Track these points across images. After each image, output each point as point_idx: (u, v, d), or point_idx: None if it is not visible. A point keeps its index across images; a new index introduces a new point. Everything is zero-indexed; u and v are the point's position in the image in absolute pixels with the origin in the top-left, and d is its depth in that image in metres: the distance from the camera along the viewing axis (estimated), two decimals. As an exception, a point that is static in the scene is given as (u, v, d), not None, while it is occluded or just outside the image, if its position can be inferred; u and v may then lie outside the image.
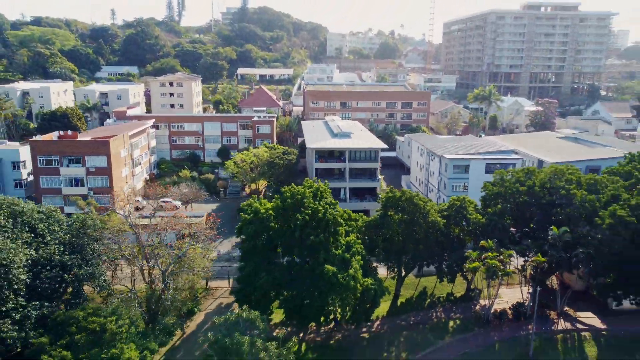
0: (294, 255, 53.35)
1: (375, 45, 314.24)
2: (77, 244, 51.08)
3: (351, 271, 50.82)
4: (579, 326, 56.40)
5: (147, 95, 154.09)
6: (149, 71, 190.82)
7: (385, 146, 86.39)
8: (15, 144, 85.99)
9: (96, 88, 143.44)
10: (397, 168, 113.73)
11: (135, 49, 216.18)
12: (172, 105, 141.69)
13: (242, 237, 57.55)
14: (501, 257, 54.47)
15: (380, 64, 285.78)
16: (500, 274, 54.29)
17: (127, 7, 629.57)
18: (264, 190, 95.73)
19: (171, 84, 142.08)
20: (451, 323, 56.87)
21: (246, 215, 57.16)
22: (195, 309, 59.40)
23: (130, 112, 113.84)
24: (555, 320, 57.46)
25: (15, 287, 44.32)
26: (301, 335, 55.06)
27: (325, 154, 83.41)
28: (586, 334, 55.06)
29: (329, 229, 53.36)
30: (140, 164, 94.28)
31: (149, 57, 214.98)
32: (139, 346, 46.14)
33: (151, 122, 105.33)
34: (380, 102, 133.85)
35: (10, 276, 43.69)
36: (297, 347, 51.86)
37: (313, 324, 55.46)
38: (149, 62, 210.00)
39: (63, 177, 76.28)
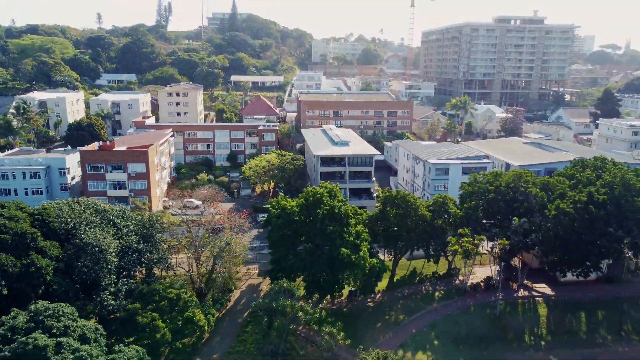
0: (315, 242, 68.31)
1: (357, 51, 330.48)
2: (147, 235, 65.05)
3: (361, 253, 66.10)
4: (534, 294, 72.90)
5: (153, 103, 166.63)
6: (150, 79, 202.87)
7: (379, 153, 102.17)
8: (59, 153, 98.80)
9: (108, 98, 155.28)
10: (385, 170, 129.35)
11: (132, 57, 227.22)
12: (179, 114, 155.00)
13: (270, 228, 72.53)
14: (475, 241, 70.58)
15: (362, 69, 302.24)
16: (473, 254, 70.54)
17: (113, 11, 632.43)
18: (272, 191, 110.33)
19: (177, 94, 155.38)
20: (437, 293, 72.75)
21: (275, 210, 72.03)
22: (233, 287, 73.93)
23: (147, 122, 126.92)
24: (517, 290, 73.89)
25: (110, 267, 58.23)
26: (320, 305, 70.07)
27: (327, 159, 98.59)
28: (539, 299, 71.57)
29: (343, 221, 68.53)
30: (165, 168, 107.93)
31: (145, 64, 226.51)
32: (203, 311, 60.69)
33: (169, 131, 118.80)
34: (369, 110, 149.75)
35: (107, 258, 57.62)
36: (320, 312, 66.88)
37: (328, 297, 70.82)
38: (145, 69, 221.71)
39: (108, 181, 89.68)
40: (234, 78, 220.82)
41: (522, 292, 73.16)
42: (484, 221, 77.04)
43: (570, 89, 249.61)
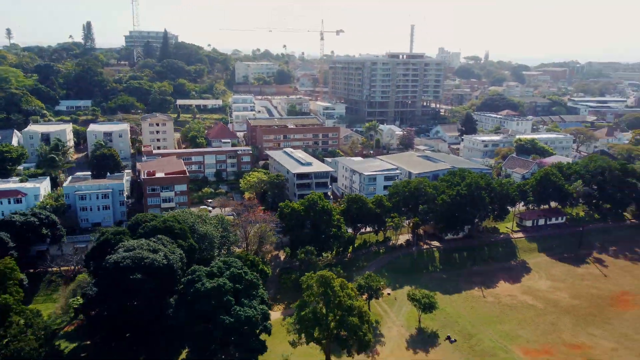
0: (315, 225, 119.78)
1: (272, 70, 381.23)
2: (224, 227, 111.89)
3: (342, 230, 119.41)
4: (432, 246, 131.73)
5: (132, 131, 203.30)
6: (112, 107, 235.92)
7: (332, 169, 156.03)
8: (116, 179, 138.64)
9: (100, 129, 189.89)
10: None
11: (85, 84, 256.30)
12: (158, 139, 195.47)
13: (285, 219, 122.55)
14: (399, 220, 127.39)
15: (279, 88, 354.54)
16: (400, 227, 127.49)
17: (23, 27, 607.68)
18: (256, 198, 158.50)
19: (157, 124, 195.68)
20: (381, 250, 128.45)
21: (287, 210, 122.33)
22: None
23: (154, 151, 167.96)
24: (423, 245, 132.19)
25: (215, 246, 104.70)
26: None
27: (302, 175, 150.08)
28: (434, 249, 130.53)
29: (328, 213, 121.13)
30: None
31: (96, 90, 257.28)
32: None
33: (174, 156, 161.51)
34: (309, 134, 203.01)
35: (214, 242, 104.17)
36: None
37: (321, 257, 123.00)
38: (98, 95, 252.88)
39: (162, 197, 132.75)
40: (180, 102, 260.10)
41: (425, 246, 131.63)
42: (403, 208, 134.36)
43: (444, 106, 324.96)
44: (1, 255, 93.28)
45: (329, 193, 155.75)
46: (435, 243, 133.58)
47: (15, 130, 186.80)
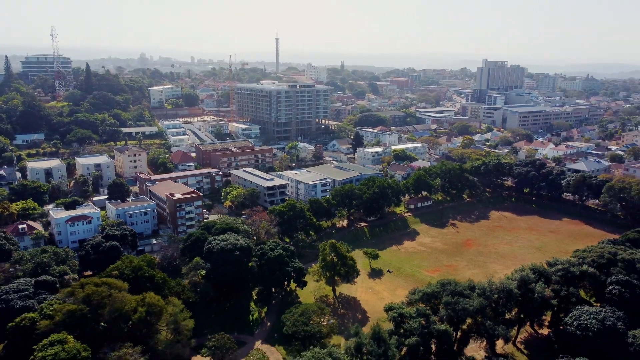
0: (295, 220, 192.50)
1: (178, 92, 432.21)
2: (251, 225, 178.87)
3: (312, 220, 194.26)
4: (362, 226, 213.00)
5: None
6: (72, 139, 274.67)
7: (287, 182, 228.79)
8: (146, 200, 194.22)
9: (89, 161, 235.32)
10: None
11: (33, 119, 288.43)
12: (136, 167, 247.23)
13: (276, 217, 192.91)
14: (343, 212, 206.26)
15: (191, 110, 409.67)
16: (342, 216, 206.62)
17: None
18: (235, 206, 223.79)
19: (134, 154, 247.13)
20: (333, 231, 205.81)
21: (276, 211, 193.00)
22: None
23: (152, 177, 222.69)
24: (357, 225, 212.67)
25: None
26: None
27: (270, 187, 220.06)
28: (365, 227, 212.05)
29: (302, 210, 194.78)
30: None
31: (43, 124, 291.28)
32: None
33: (169, 180, 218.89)
34: (251, 155, 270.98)
35: (250, 234, 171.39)
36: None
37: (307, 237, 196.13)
38: (44, 128, 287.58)
39: (186, 211, 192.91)
40: (125, 130, 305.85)
41: (358, 225, 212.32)
42: (342, 204, 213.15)
43: (332, 122, 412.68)
44: (118, 257, 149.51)
45: (286, 198, 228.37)
46: (363, 223, 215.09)
47: (15, 168, 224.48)
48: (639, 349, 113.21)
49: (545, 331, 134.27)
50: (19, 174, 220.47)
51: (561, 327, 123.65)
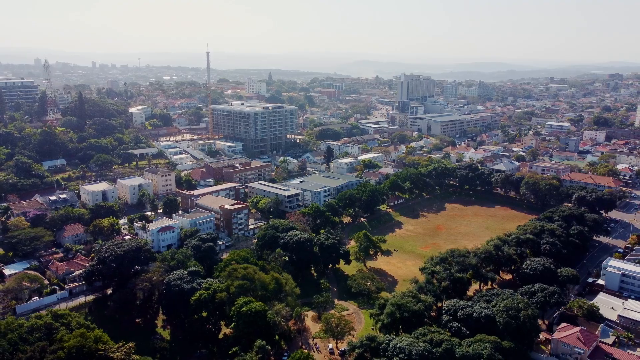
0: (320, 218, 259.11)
1: (154, 113, 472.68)
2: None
3: (333, 218, 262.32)
4: (362, 221, 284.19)
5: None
6: (96, 163, 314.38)
7: (300, 191, 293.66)
8: (201, 212, 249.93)
9: (132, 182, 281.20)
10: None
11: (51, 146, 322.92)
12: (165, 185, 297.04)
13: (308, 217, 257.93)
14: (350, 211, 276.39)
15: (169, 129, 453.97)
16: (348, 214, 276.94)
17: None
18: (258, 212, 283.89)
19: (166, 175, 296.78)
20: (343, 226, 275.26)
21: (306, 213, 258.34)
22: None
23: (195, 193, 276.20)
24: (359, 220, 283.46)
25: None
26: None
27: (290, 196, 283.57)
28: (364, 221, 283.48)
29: (323, 211, 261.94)
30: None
31: (61, 153, 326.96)
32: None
33: (209, 195, 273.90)
34: (255, 170, 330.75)
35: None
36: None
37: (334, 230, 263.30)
38: (64, 156, 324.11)
39: (238, 218, 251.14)
40: (134, 152, 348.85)
41: (359, 220, 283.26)
42: (346, 205, 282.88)
43: (298, 136, 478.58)
44: (215, 254, 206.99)
45: (299, 204, 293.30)
46: (362, 219, 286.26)
47: (79, 190, 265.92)
48: (565, 279, 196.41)
49: (509, 276, 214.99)
50: (75, 197, 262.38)
51: (520, 271, 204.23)
